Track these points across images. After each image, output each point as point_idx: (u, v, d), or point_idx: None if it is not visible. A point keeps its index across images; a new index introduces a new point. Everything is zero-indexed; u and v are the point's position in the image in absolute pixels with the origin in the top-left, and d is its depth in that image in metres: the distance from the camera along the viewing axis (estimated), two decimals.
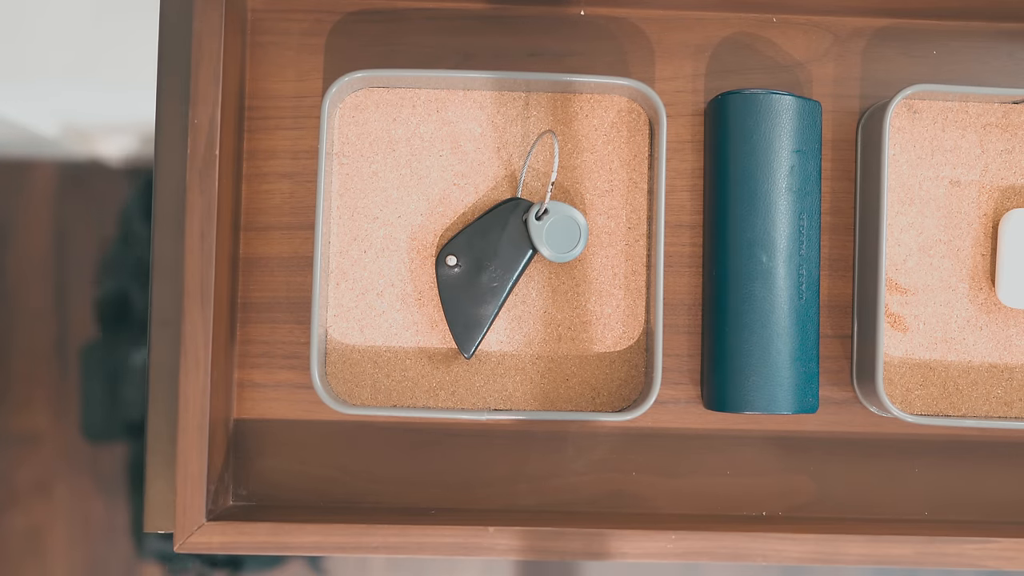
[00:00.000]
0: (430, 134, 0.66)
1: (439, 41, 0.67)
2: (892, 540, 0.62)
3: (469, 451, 0.67)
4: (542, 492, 0.67)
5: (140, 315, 1.38)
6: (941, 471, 0.67)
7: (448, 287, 0.64)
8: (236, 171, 0.66)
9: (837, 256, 0.67)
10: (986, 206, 0.66)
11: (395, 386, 0.65)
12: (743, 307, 0.63)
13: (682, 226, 0.67)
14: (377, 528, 0.61)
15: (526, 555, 0.62)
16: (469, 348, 0.64)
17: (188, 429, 0.61)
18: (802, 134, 0.63)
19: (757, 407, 0.62)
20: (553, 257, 0.64)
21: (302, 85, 0.67)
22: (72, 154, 1.42)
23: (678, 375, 0.67)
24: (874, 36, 0.68)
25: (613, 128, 0.66)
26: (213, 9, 0.62)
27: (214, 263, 0.62)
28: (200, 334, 0.61)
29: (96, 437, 1.34)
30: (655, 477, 0.67)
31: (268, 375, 0.67)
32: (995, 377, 0.66)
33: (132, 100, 1.23)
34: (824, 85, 0.68)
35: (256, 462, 0.66)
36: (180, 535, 0.61)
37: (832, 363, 0.67)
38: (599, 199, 0.66)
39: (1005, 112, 0.66)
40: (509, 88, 0.65)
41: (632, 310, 0.66)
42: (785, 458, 0.67)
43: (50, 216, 1.43)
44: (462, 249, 0.64)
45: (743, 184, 0.63)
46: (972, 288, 0.66)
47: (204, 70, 0.62)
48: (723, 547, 0.62)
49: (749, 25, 0.68)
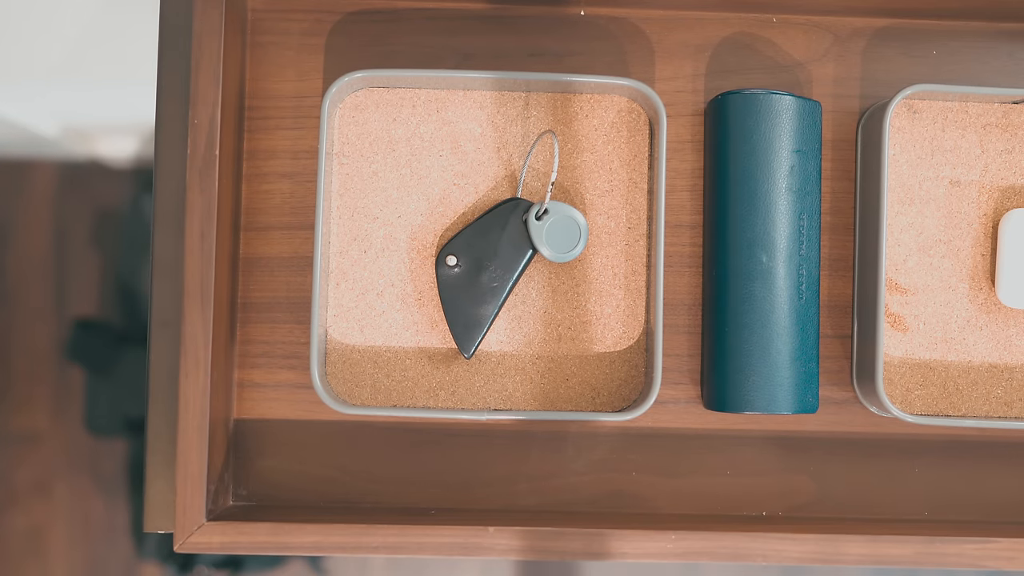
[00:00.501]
0: (430, 134, 0.66)
1: (439, 41, 0.67)
2: (892, 540, 0.62)
3: (469, 451, 0.67)
4: (542, 492, 0.67)
5: (141, 315, 1.38)
6: (941, 471, 0.67)
7: (448, 287, 0.64)
8: (236, 171, 0.66)
9: (837, 256, 0.67)
10: (986, 206, 0.66)
11: (395, 386, 0.65)
12: (743, 307, 0.63)
13: (682, 226, 0.67)
14: (377, 528, 0.61)
15: (526, 555, 0.62)
16: (469, 348, 0.64)
17: (188, 429, 0.61)
18: (802, 134, 0.63)
19: (757, 407, 0.62)
20: (553, 257, 0.64)
21: (302, 85, 0.67)
22: (72, 154, 1.42)
23: (678, 375, 0.67)
24: (874, 36, 0.68)
25: (613, 128, 0.66)
26: (213, 9, 0.62)
27: (214, 263, 0.62)
28: (200, 334, 0.61)
29: (99, 432, 1.34)
30: (655, 477, 0.67)
31: (268, 375, 0.67)
32: (995, 377, 0.66)
33: (132, 100, 1.23)
34: (824, 85, 0.68)
35: (256, 462, 0.66)
36: (180, 535, 0.61)
37: (832, 363, 0.67)
38: (599, 199, 0.66)
39: (1005, 112, 0.66)
40: (509, 88, 0.65)
41: (632, 310, 0.65)
42: (785, 458, 0.67)
43: (50, 216, 1.43)
44: (462, 249, 0.64)
45: (743, 184, 0.63)
46: (972, 288, 0.66)
47: (204, 70, 0.62)
48: (723, 547, 0.62)
49: (749, 25, 0.68)
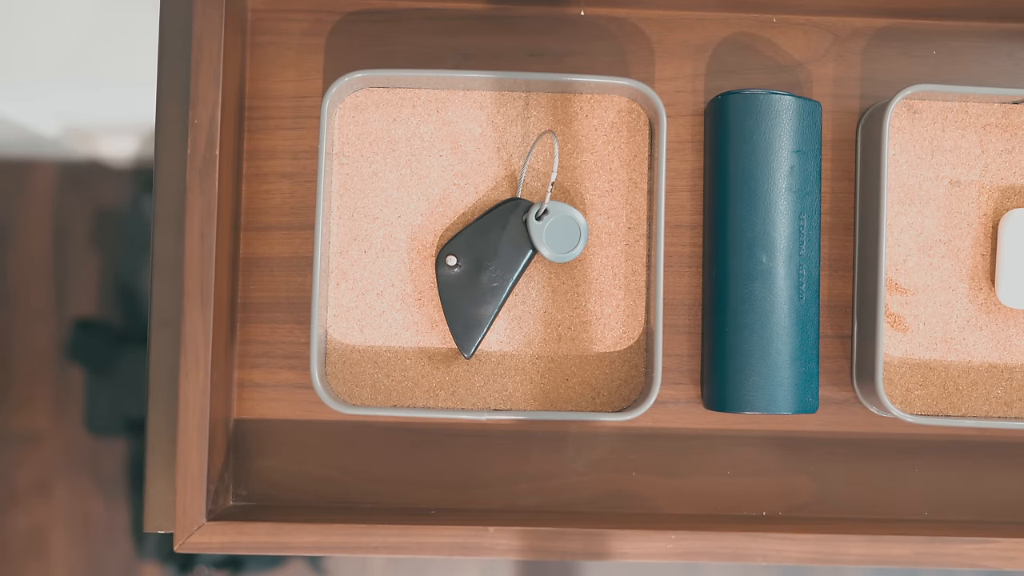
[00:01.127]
0: (430, 134, 0.66)
1: (439, 41, 0.67)
2: (892, 540, 0.62)
3: (469, 451, 0.67)
4: (542, 492, 0.67)
5: (141, 315, 1.38)
6: (941, 471, 0.67)
7: (448, 287, 0.64)
8: (236, 171, 0.66)
9: (837, 256, 0.67)
10: (986, 206, 0.66)
11: (395, 386, 0.65)
12: (743, 307, 0.63)
13: (682, 226, 0.67)
14: (377, 528, 0.61)
15: (526, 555, 0.62)
16: (469, 348, 0.64)
17: (188, 429, 0.61)
18: (802, 134, 0.63)
19: (757, 407, 0.62)
20: (553, 257, 0.64)
21: (302, 85, 0.67)
22: (72, 154, 1.42)
23: (678, 375, 0.67)
24: (874, 36, 0.68)
25: (613, 128, 0.66)
26: (213, 9, 0.62)
27: (214, 263, 0.62)
28: (200, 334, 0.61)
29: (99, 432, 1.34)
30: (655, 477, 0.67)
31: (268, 375, 0.67)
32: (995, 377, 0.66)
33: (132, 100, 1.23)
34: (824, 85, 0.68)
35: (256, 462, 0.66)
36: (180, 535, 0.61)
37: (832, 363, 0.67)
38: (599, 199, 0.66)
39: (1005, 112, 0.66)
40: (509, 88, 0.65)
41: (632, 310, 0.65)
42: (785, 458, 0.67)
43: (50, 216, 1.43)
44: (462, 249, 0.64)
45: (743, 184, 0.63)
46: (972, 288, 0.66)
47: (204, 70, 0.62)
48: (723, 547, 0.62)
49: (749, 25, 0.68)
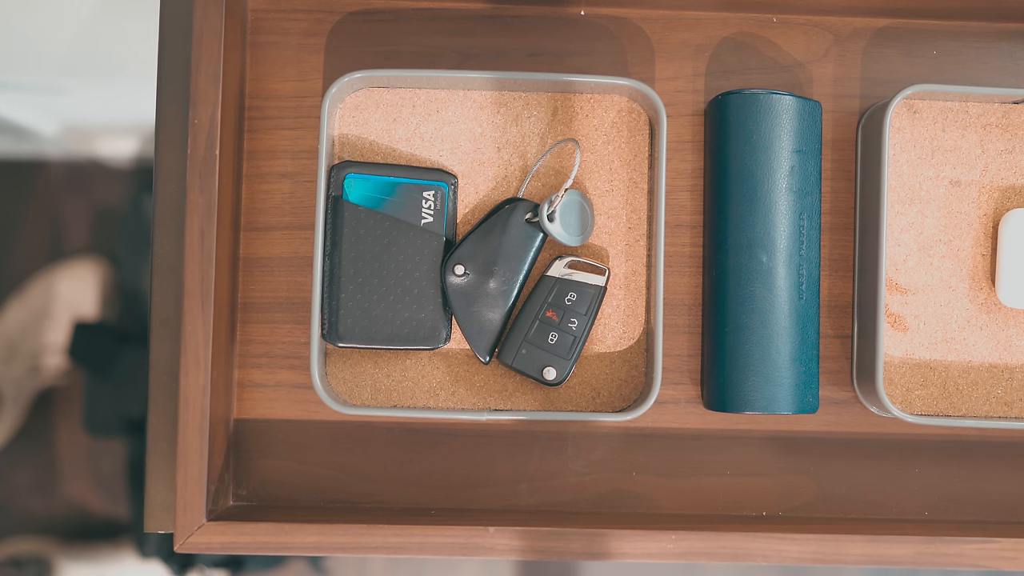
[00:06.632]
0: (430, 134, 0.66)
1: (439, 41, 0.67)
2: (892, 540, 0.62)
3: (469, 451, 0.67)
4: (542, 492, 0.67)
5: (141, 315, 1.38)
6: (941, 471, 0.67)
7: (458, 295, 0.64)
8: (236, 171, 0.66)
9: (837, 256, 0.67)
10: (986, 206, 0.66)
11: (395, 386, 0.65)
12: (743, 307, 0.63)
13: (682, 226, 0.67)
14: (377, 528, 0.61)
15: (526, 555, 0.62)
16: (486, 354, 0.64)
17: (188, 429, 0.61)
18: (802, 134, 0.63)
19: (757, 407, 0.62)
20: (568, 240, 0.64)
21: (302, 85, 0.67)
22: (72, 154, 1.42)
23: (678, 375, 0.67)
24: (874, 36, 0.68)
25: (613, 128, 0.66)
26: (213, 9, 0.62)
27: (214, 263, 0.62)
28: (200, 334, 0.61)
29: (99, 432, 1.34)
30: (655, 477, 0.67)
31: (268, 375, 0.67)
32: (995, 377, 0.66)
33: (132, 100, 1.23)
34: (824, 85, 0.68)
35: (256, 462, 0.66)
36: (180, 535, 0.61)
37: (832, 363, 0.67)
38: (599, 199, 0.66)
39: (1005, 112, 0.66)
40: (509, 88, 0.65)
41: (632, 310, 0.65)
42: (785, 458, 0.67)
43: (50, 216, 1.43)
44: (468, 256, 0.64)
45: (743, 184, 0.63)
46: (972, 288, 0.66)
47: (204, 70, 0.62)
48: (723, 547, 0.62)
49: (749, 25, 0.68)
